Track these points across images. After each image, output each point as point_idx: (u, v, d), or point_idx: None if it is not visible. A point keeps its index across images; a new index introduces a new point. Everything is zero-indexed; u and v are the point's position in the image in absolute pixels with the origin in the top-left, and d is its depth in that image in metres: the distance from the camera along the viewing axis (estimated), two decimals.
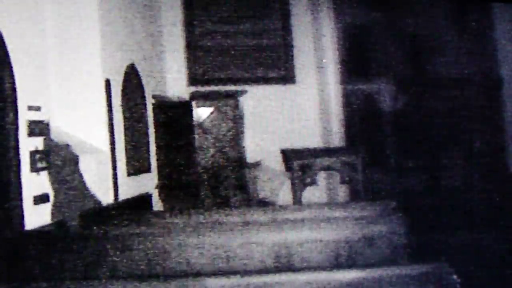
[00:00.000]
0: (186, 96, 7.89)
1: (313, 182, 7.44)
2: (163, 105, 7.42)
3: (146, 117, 6.98)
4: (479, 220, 7.65)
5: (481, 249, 6.43)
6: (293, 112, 8.53)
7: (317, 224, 4.00)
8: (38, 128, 4.61)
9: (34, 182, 4.47)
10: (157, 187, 7.17)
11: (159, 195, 7.20)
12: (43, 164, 4.62)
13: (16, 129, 4.32)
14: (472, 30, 9.18)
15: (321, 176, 8.07)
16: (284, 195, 8.14)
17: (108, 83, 5.86)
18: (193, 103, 7.31)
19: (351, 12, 8.80)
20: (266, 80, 8.59)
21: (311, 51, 8.66)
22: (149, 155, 6.96)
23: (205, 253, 3.84)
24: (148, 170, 6.91)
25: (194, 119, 7.24)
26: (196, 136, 7.23)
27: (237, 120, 7.67)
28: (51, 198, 4.70)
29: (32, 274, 3.79)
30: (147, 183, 6.88)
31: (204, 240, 3.86)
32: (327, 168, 7.59)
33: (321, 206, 5.21)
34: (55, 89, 5.50)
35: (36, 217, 4.45)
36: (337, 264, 3.83)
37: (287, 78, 8.66)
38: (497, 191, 8.37)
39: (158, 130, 7.24)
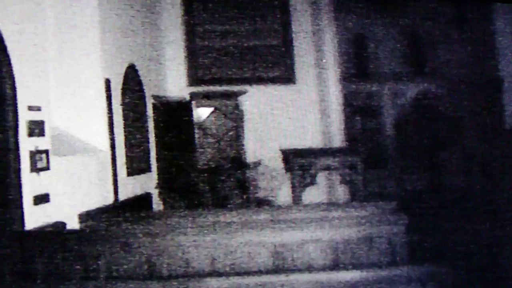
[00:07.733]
0: (186, 96, 7.89)
1: (313, 182, 7.43)
2: (163, 105, 7.42)
3: (146, 117, 6.98)
4: (479, 220, 7.65)
5: (480, 249, 6.42)
6: (293, 112, 8.53)
7: (317, 224, 4.01)
8: (38, 128, 4.60)
9: (34, 182, 4.46)
10: (157, 187, 7.16)
11: (159, 195, 7.20)
12: (43, 164, 4.61)
13: (16, 129, 4.32)
14: (472, 30, 9.18)
15: (321, 176, 8.06)
16: (284, 195, 8.13)
17: (108, 83, 5.86)
18: (193, 103, 7.30)
19: (351, 12, 8.80)
20: (266, 80, 8.58)
21: (311, 51, 8.65)
22: (149, 155, 6.96)
23: (205, 253, 3.84)
24: (148, 170, 6.91)
25: (194, 119, 7.23)
26: (196, 136, 7.22)
27: (237, 120, 7.67)
28: (51, 198, 4.69)
29: (32, 274, 3.78)
30: (147, 183, 6.88)
31: (204, 240, 3.86)
32: (327, 168, 7.58)
33: (321, 206, 5.21)
34: (55, 89, 5.50)
35: (36, 217, 4.44)
36: (337, 264, 3.83)
37: (287, 78, 8.65)
38: (497, 191, 8.38)
39: (158, 130, 7.24)
